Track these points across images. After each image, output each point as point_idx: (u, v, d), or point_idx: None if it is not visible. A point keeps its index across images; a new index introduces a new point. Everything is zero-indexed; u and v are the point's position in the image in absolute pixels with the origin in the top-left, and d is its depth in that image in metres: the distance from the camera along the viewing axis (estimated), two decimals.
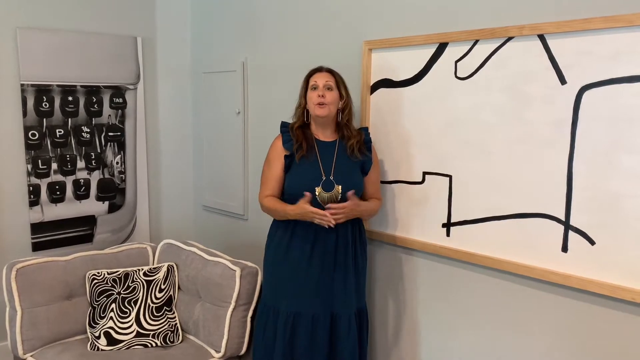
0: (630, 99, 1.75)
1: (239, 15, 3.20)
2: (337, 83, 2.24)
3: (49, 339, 2.44)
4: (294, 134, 2.26)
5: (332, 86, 2.23)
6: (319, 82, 2.22)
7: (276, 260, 2.29)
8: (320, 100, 2.20)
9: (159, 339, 2.50)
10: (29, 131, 2.98)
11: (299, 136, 2.25)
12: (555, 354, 2.03)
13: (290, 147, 2.25)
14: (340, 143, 2.29)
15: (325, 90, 2.21)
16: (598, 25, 1.78)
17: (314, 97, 2.22)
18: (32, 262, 2.47)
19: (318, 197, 2.19)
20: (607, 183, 1.82)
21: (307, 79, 2.28)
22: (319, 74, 2.25)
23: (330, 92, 2.22)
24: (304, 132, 2.28)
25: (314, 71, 2.28)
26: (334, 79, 2.24)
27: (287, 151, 2.25)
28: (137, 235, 3.48)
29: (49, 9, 3.01)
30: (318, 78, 2.24)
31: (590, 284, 1.88)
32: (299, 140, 2.24)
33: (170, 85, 3.56)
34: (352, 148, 2.26)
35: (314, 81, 2.24)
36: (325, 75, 2.24)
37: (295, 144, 2.24)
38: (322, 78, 2.23)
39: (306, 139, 2.26)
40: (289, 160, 2.25)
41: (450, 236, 2.29)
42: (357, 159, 2.27)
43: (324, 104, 2.20)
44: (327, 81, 2.22)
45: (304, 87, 2.28)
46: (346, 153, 2.26)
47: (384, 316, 2.59)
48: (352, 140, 2.26)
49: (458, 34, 2.15)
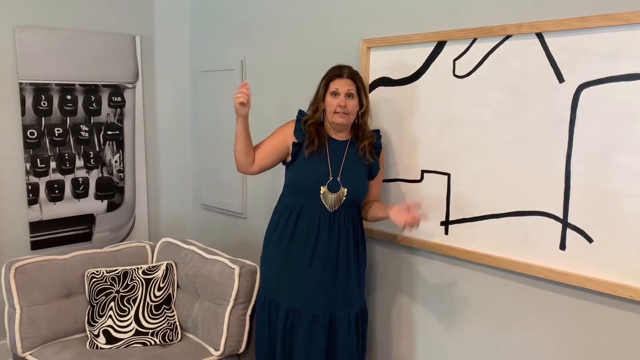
0: (628, 97, 1.75)
1: (237, 14, 3.20)
2: (358, 90, 2.16)
3: (48, 337, 2.44)
4: (307, 130, 2.21)
5: (353, 94, 2.14)
6: (340, 89, 2.13)
7: (277, 257, 2.27)
8: (341, 110, 2.13)
9: (158, 337, 2.50)
10: (27, 130, 2.98)
11: (311, 132, 2.19)
12: (553, 351, 2.03)
13: (300, 137, 2.21)
14: (352, 143, 2.25)
15: (347, 99, 2.14)
16: (596, 24, 1.78)
17: (334, 104, 2.13)
18: (30, 261, 2.47)
19: (322, 196, 2.17)
20: (605, 181, 1.83)
21: (327, 81, 2.18)
22: (340, 81, 2.15)
23: (351, 100, 2.14)
24: (317, 129, 2.22)
25: (335, 75, 2.17)
26: (355, 86, 2.15)
27: (296, 139, 2.21)
28: (135, 233, 3.48)
29: (47, 7, 3.01)
30: (340, 85, 2.14)
31: (588, 282, 1.89)
32: (311, 137, 2.19)
33: (169, 84, 3.56)
34: (364, 150, 2.22)
35: (335, 87, 2.14)
36: (348, 83, 2.14)
37: (307, 139, 2.19)
38: (344, 86, 2.14)
39: (319, 136, 2.20)
40: (296, 148, 2.21)
41: (448, 234, 2.29)
42: (367, 161, 2.24)
43: (345, 113, 2.14)
44: (349, 90, 2.13)
45: (324, 89, 2.18)
46: (357, 154, 2.23)
47: (383, 314, 2.60)
48: (365, 142, 2.21)
49: (456, 32, 2.15)
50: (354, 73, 2.19)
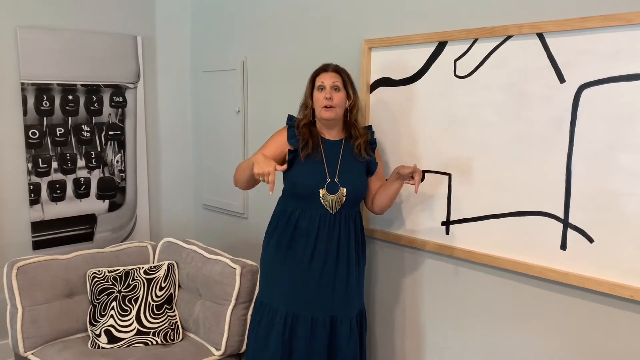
0: (628, 97, 1.75)
1: (238, 13, 3.20)
2: (344, 83, 2.16)
3: (49, 337, 2.45)
4: (300, 132, 2.20)
5: (339, 87, 2.15)
6: (325, 82, 2.14)
7: (276, 260, 2.24)
8: (327, 102, 2.13)
9: (160, 336, 2.51)
10: (29, 130, 2.99)
11: (305, 134, 2.19)
12: (554, 351, 2.04)
13: (294, 143, 2.19)
14: (347, 142, 2.24)
15: (333, 92, 2.14)
16: (597, 24, 1.78)
17: (321, 98, 2.14)
18: (32, 261, 2.48)
19: (322, 199, 2.16)
20: (606, 181, 1.83)
21: (313, 78, 2.20)
22: (325, 74, 2.17)
23: (337, 93, 2.15)
24: (310, 130, 2.21)
25: (320, 70, 2.20)
26: (341, 78, 2.16)
27: (292, 146, 2.20)
28: (137, 233, 3.49)
29: (49, 8, 3.01)
30: (325, 78, 2.16)
31: (588, 282, 1.89)
32: (305, 139, 2.18)
33: (170, 84, 3.57)
34: (360, 148, 2.21)
35: (321, 81, 2.15)
36: (332, 76, 2.16)
37: (301, 142, 2.18)
38: (329, 78, 2.15)
39: (312, 137, 2.20)
40: (292, 155, 2.20)
41: (449, 234, 2.29)
42: (363, 159, 2.23)
43: (331, 106, 2.14)
44: (335, 82, 2.14)
45: (310, 86, 2.21)
46: (352, 153, 2.22)
47: (384, 314, 2.60)
48: (359, 140, 2.21)
49: (457, 32, 2.15)
50: (340, 68, 2.20)
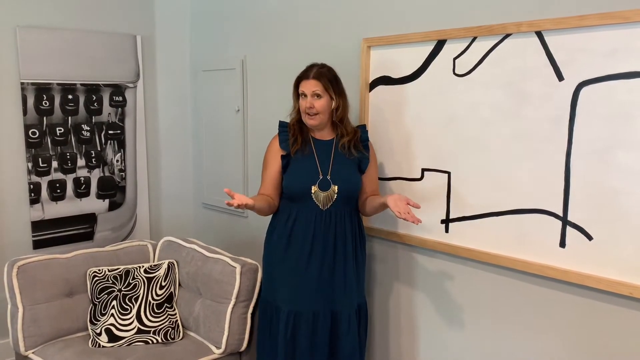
0: (627, 95, 1.76)
1: (238, 13, 3.20)
2: (325, 88, 2.17)
3: (50, 336, 2.45)
4: (291, 129, 2.26)
5: (320, 94, 2.16)
6: (306, 91, 2.18)
7: (275, 258, 2.30)
8: (309, 111, 2.18)
9: (160, 335, 2.51)
10: (29, 129, 2.99)
11: (295, 131, 2.25)
12: (553, 348, 2.04)
13: (286, 147, 2.25)
14: (338, 141, 2.28)
15: (314, 100, 2.17)
16: (594, 22, 1.79)
17: (303, 105, 2.19)
18: (33, 260, 2.48)
19: (314, 195, 2.20)
20: (605, 179, 1.84)
21: (296, 83, 2.24)
22: (305, 82, 2.19)
23: (318, 100, 2.17)
24: (300, 127, 2.27)
25: (301, 76, 2.22)
26: (321, 85, 2.16)
27: (284, 151, 2.25)
28: (137, 232, 3.49)
29: (48, 7, 3.01)
30: (305, 87, 2.18)
31: (588, 279, 1.90)
32: (294, 135, 2.24)
33: (170, 83, 3.57)
34: (345, 146, 2.24)
35: (302, 90, 2.20)
36: (313, 84, 2.16)
37: (291, 138, 2.23)
38: (309, 87, 2.17)
39: (302, 133, 2.25)
40: (285, 160, 2.25)
41: (449, 232, 2.30)
42: (353, 156, 2.26)
43: (313, 114, 2.18)
44: (315, 90, 2.16)
45: (295, 91, 2.25)
46: (343, 151, 2.26)
47: (383, 312, 2.61)
48: (344, 139, 2.25)
49: (456, 31, 2.16)
50: (321, 73, 2.19)
